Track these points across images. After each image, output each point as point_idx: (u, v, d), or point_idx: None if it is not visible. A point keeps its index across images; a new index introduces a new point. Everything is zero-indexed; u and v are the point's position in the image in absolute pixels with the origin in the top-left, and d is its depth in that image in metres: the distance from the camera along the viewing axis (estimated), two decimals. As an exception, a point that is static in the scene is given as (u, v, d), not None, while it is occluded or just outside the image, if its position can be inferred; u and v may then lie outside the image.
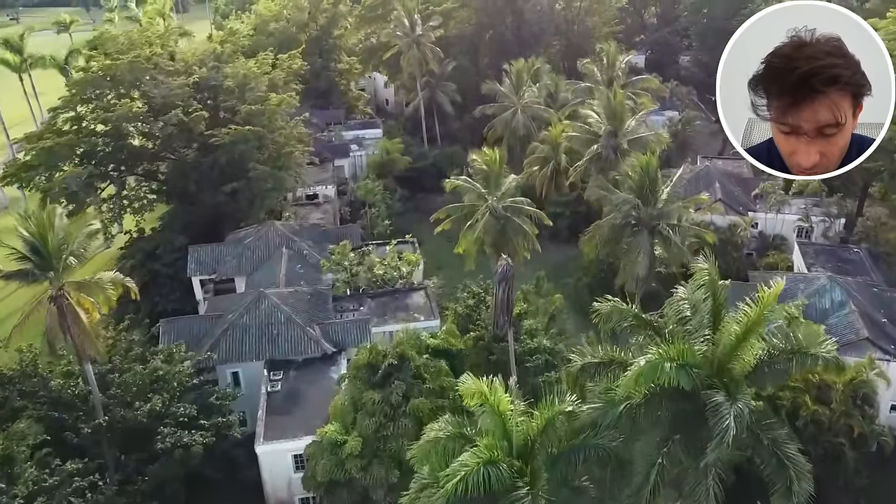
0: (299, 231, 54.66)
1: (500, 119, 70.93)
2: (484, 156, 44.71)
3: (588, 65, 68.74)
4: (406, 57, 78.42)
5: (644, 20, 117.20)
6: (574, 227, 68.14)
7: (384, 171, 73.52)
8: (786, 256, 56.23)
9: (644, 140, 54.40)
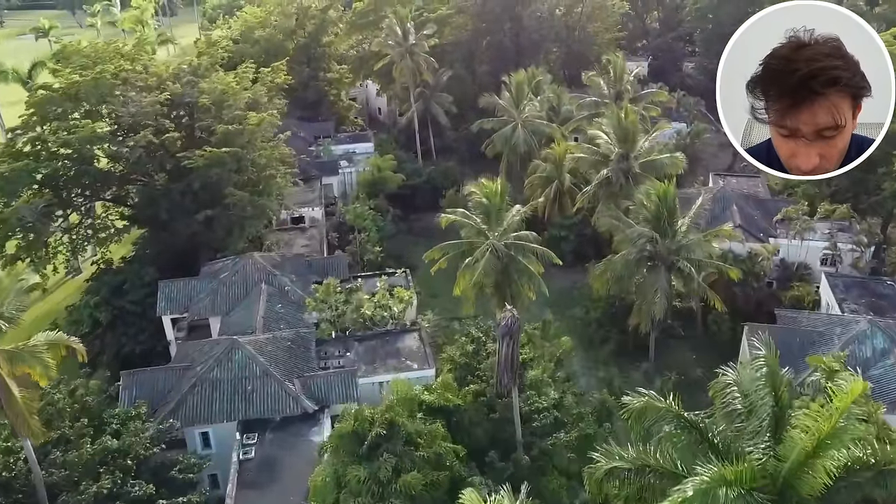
0: (281, 263, 49.49)
1: (500, 135, 65.90)
2: (483, 188, 39.64)
3: (594, 77, 63.74)
4: (398, 67, 73.26)
5: (646, 25, 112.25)
6: (579, 252, 63.30)
7: (375, 189, 68.40)
8: (812, 289, 51.28)
9: (658, 164, 49.45)
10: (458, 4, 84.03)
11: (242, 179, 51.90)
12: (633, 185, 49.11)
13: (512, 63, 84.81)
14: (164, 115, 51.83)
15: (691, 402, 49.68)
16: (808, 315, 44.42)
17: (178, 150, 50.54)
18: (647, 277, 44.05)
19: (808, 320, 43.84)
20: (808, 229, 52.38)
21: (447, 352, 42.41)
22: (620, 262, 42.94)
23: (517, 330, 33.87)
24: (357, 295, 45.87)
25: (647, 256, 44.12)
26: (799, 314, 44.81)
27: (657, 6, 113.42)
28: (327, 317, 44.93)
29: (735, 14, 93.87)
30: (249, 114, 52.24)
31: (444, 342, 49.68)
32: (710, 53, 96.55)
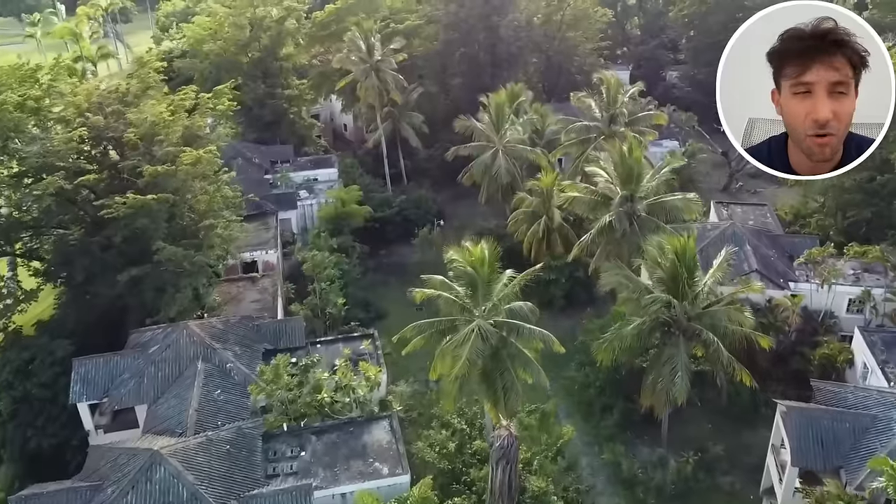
0: (223, 332, 40.68)
1: (478, 162, 57.69)
2: (467, 255, 31.31)
3: (584, 98, 55.73)
4: (363, 86, 64.61)
5: (627, 32, 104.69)
6: (572, 296, 55.51)
7: (339, 226, 59.78)
8: (844, 346, 43.80)
9: (669, 206, 41.55)
10: (429, 14, 75.59)
11: (177, 229, 43.02)
12: (638, 232, 41.17)
13: (488, 76, 76.68)
14: (81, 154, 42.81)
15: (713, 485, 42.69)
16: (853, 390, 36.75)
17: (97, 197, 41.64)
18: (663, 350, 36.14)
19: (853, 396, 36.19)
20: (838, 275, 44.93)
21: (424, 453, 34.15)
22: (631, 334, 34.95)
23: (515, 452, 25.76)
24: (314, 374, 37.30)
25: (663, 323, 36.19)
26: (841, 388, 37.15)
27: (638, 12, 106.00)
28: (278, 399, 36.39)
29: (723, 21, 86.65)
30: (185, 150, 43.29)
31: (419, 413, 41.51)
32: (698, 62, 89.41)
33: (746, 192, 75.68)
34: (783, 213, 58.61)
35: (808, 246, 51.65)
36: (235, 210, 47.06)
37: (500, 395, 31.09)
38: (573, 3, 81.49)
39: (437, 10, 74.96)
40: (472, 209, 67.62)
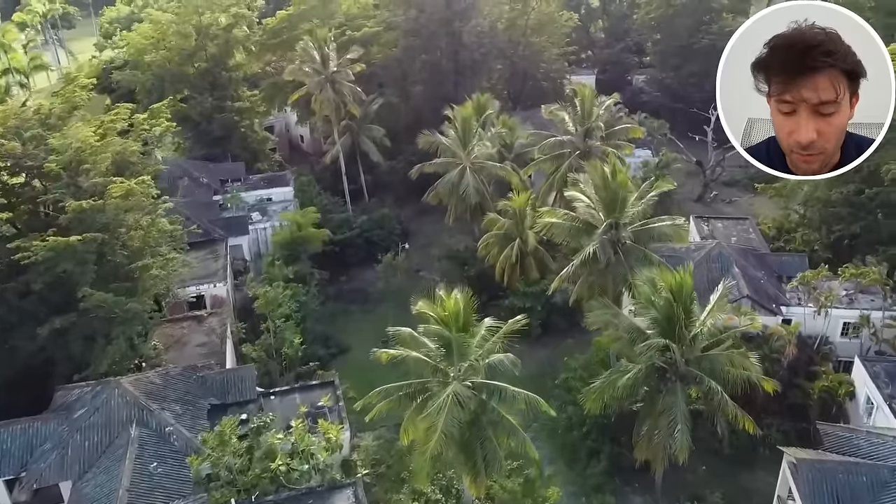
0: (162, 388, 35.54)
1: (445, 181, 53.19)
2: (439, 310, 26.77)
3: (557, 111, 51.56)
4: (318, 99, 59.60)
5: (591, 36, 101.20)
6: (549, 323, 51.38)
7: (296, 251, 54.75)
8: (844, 377, 40.37)
9: (656, 233, 37.55)
10: (387, 20, 70.81)
11: (107, 270, 37.69)
12: (624, 262, 37.10)
13: (451, 84, 72.37)
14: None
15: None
16: (865, 436, 33.09)
17: (15, 236, 36.17)
18: (658, 398, 32.13)
19: (867, 443, 32.56)
20: (835, 300, 41.51)
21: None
22: (624, 385, 30.79)
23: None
24: (266, 437, 32.39)
25: (658, 368, 32.17)
26: (852, 433, 33.46)
27: (602, 15, 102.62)
28: (225, 467, 31.42)
29: (690, 24, 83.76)
30: (115, 181, 37.95)
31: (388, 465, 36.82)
32: (666, 66, 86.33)
33: (721, 202, 72.59)
34: (766, 228, 55.25)
35: (797, 265, 48.40)
36: (176, 244, 41.78)
37: (481, 468, 26.67)
38: (537, 7, 77.50)
39: (395, 16, 70.29)
40: (438, 225, 63.03)
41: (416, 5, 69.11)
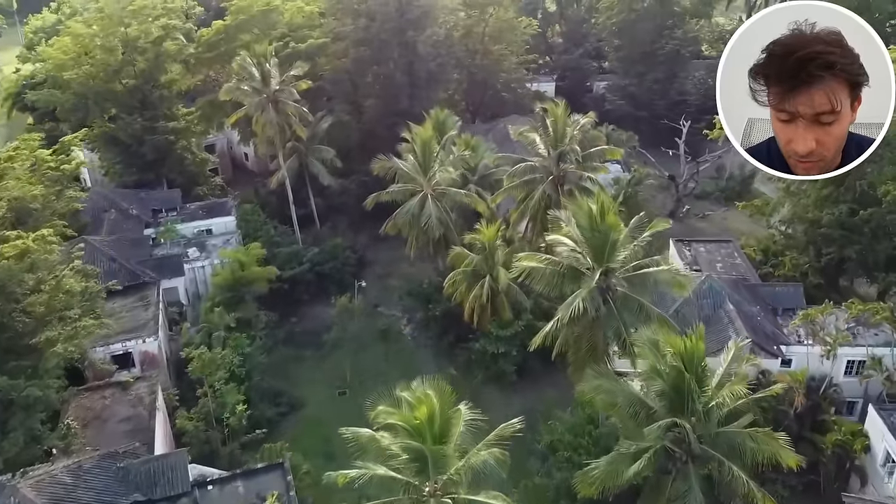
0: (71, 490, 28.99)
1: (404, 211, 47.35)
2: (409, 416, 20.99)
3: (527, 133, 46.17)
4: (259, 121, 53.10)
5: (549, 41, 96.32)
6: (526, 368, 46.05)
7: (239, 293, 48.27)
8: (857, 428, 36.02)
9: (652, 279, 32.38)
10: (335, 30, 64.50)
11: (2, 342, 30.93)
12: (616, 314, 31.87)
13: (406, 97, 66.46)
14: None
15: None
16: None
17: None
18: (666, 482, 27.00)
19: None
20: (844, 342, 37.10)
21: None
22: (631, 476, 25.57)
23: None
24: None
25: (666, 448, 27.04)
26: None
27: (559, 19, 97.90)
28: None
29: (653, 30, 79.50)
30: (8, 236, 31.17)
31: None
32: (630, 73, 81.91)
33: (694, 216, 68.46)
34: (751, 251, 50.89)
35: (792, 296, 44.22)
36: (92, 303, 35.09)
37: None
38: (495, 13, 72.17)
39: (344, 26, 64.06)
40: (398, 252, 56.76)
41: (366, 14, 63.03)
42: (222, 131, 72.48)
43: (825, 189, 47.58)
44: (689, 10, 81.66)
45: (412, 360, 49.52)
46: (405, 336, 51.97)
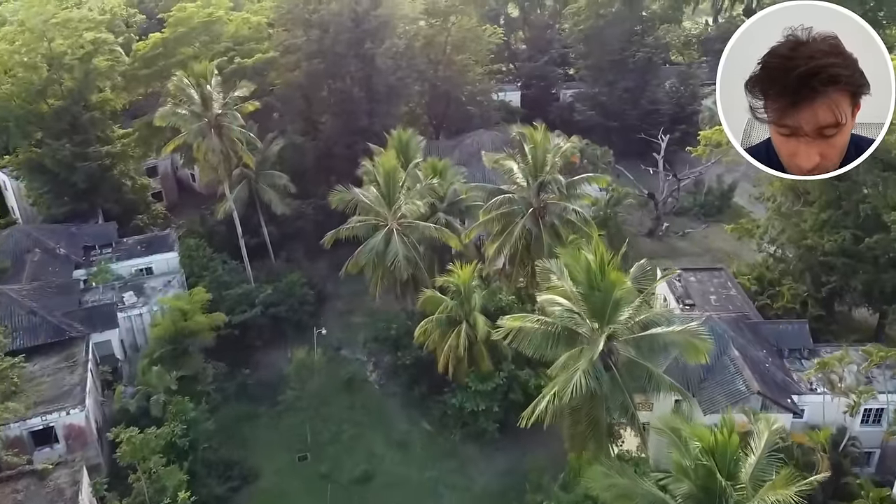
0: None
1: (368, 249, 41.78)
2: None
3: (502, 161, 40.94)
4: (201, 148, 46.87)
5: (512, 47, 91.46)
6: (508, 424, 40.79)
7: (183, 344, 42.17)
8: (884, 491, 31.77)
9: (661, 342, 27.45)
10: (285, 43, 58.42)
11: None
12: (622, 384, 26.94)
13: (365, 114, 60.86)
14: None
15: None
16: None
17: None
18: None
19: None
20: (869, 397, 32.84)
21: None
22: None
23: None
24: None
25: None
26: None
27: (523, 25, 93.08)
28: None
29: (622, 37, 75.21)
30: None
31: None
32: (599, 82, 77.48)
33: (674, 234, 64.32)
34: (746, 281, 46.55)
35: (797, 334, 40.05)
36: None
37: None
38: (458, 21, 66.94)
39: (295, 38, 58.07)
40: (361, 283, 50.32)
41: (319, 24, 57.15)
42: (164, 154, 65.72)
43: (823, 213, 43.63)
44: (658, 15, 77.68)
45: (381, 412, 44.10)
46: (372, 384, 46.46)
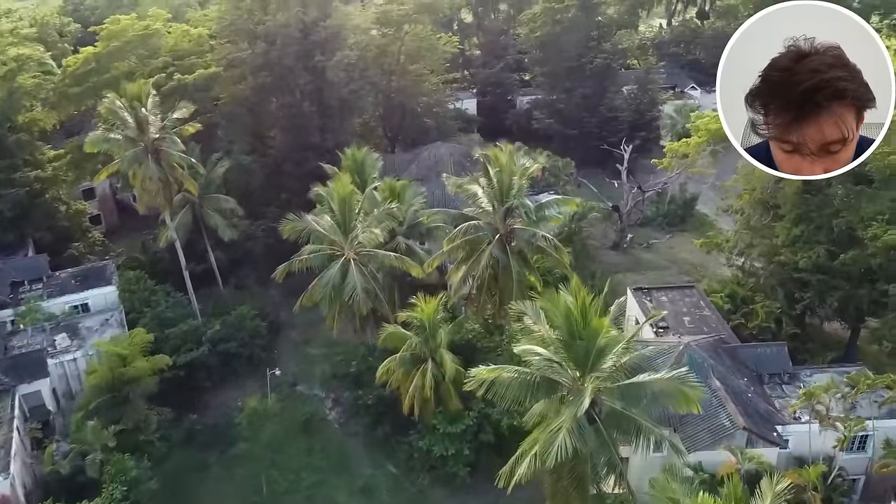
0: None
1: (323, 282, 38.51)
2: None
3: (466, 185, 38.13)
4: (138, 175, 42.91)
5: (466, 54, 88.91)
6: (479, 467, 38.04)
7: (122, 391, 38.30)
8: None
9: (650, 391, 24.98)
10: (229, 56, 54.59)
11: None
12: (608, 440, 24.45)
13: (316, 129, 57.63)
14: None
15: None
16: None
17: None
18: None
19: None
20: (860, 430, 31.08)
21: None
22: None
23: None
24: None
25: None
26: None
27: (477, 31, 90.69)
28: None
29: (580, 43, 73.26)
30: None
31: None
32: (557, 89, 75.42)
33: (638, 246, 62.45)
34: (719, 300, 44.70)
35: (776, 358, 38.36)
36: None
37: None
38: (411, 30, 63.98)
39: (240, 51, 54.31)
40: (317, 312, 47.30)
41: (265, 36, 53.58)
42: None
43: (796, 228, 42.10)
44: (615, 20, 76.02)
45: (342, 456, 40.89)
46: (331, 423, 43.24)
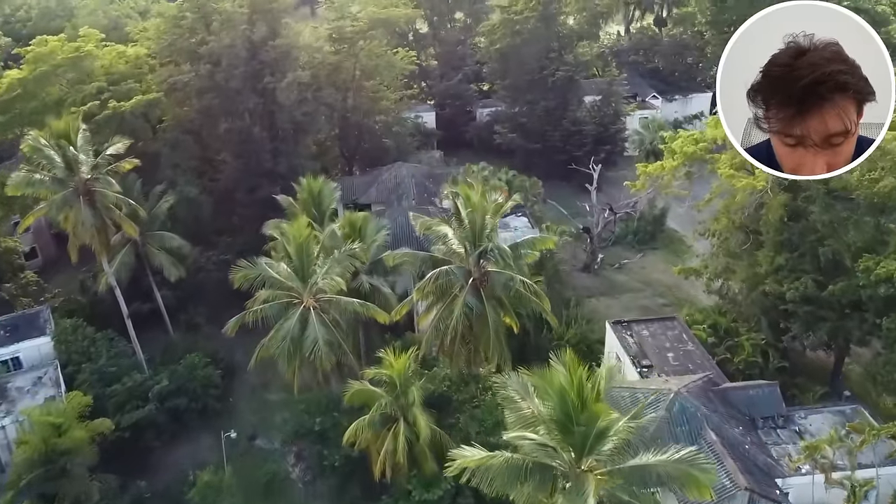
0: None
1: (280, 335, 34.76)
2: None
3: (435, 227, 34.65)
4: (69, 219, 38.44)
5: (423, 65, 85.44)
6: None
7: (57, 463, 34.00)
8: None
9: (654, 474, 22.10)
10: (170, 80, 50.14)
11: None
12: None
13: (268, 154, 53.72)
14: None
15: None
16: None
17: None
18: None
19: None
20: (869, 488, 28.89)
21: None
22: None
23: None
24: None
25: None
26: None
27: (433, 41, 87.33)
28: None
29: (540, 55, 70.77)
30: None
31: None
32: (519, 102, 72.75)
33: (609, 267, 60.05)
34: (701, 332, 42.30)
35: (769, 399, 36.13)
36: None
37: None
38: (367, 46, 60.36)
39: (182, 73, 49.96)
40: None
41: (209, 57, 49.42)
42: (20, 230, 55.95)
43: (779, 256, 39.98)
44: (576, 31, 73.58)
45: (308, 522, 37.36)
46: (295, 482, 39.58)
